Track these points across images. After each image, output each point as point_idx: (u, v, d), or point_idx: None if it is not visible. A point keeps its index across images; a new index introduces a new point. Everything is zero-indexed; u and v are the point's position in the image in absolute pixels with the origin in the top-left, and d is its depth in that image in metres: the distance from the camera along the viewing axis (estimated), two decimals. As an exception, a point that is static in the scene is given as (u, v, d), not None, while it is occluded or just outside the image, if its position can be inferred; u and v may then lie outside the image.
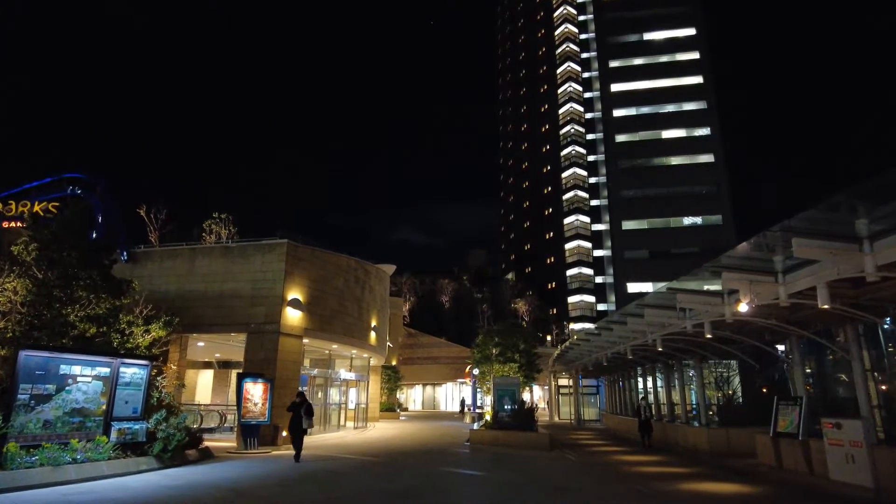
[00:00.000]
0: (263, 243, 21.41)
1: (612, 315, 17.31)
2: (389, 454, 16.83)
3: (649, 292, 13.23)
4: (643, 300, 13.20)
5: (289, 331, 20.47)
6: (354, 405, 30.26)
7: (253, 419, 17.06)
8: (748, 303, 9.18)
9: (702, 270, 9.95)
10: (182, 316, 20.85)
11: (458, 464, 15.06)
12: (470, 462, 15.62)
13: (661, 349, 15.22)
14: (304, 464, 14.12)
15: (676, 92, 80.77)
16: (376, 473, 12.82)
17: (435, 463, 14.99)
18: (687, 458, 16.75)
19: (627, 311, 14.99)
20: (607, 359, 21.23)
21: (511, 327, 27.01)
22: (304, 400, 14.99)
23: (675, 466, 14.85)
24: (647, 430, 19.81)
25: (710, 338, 12.70)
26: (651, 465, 15.38)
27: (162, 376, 15.86)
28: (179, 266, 21.87)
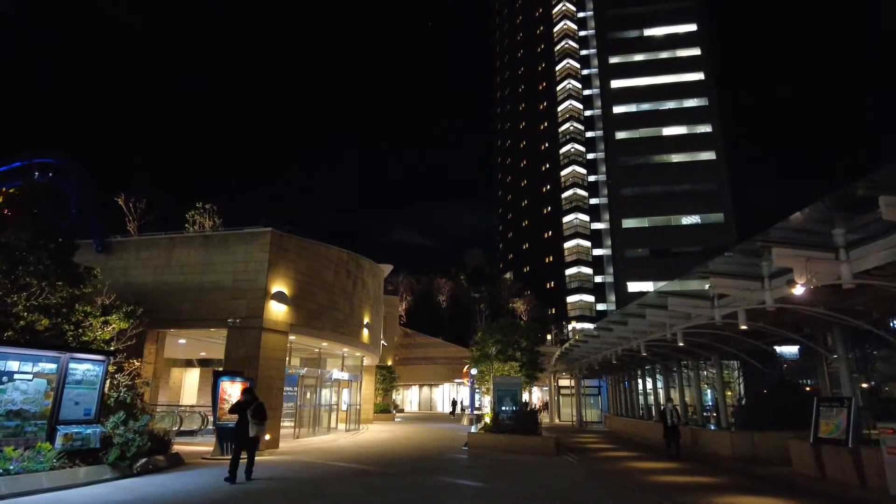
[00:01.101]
0: (246, 232, 19.89)
1: (628, 307, 15.77)
2: (380, 461, 15.32)
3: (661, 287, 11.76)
4: (666, 288, 11.73)
5: (272, 326, 18.95)
6: (347, 407, 28.75)
7: (230, 421, 15.46)
8: (804, 283, 7.69)
9: (748, 245, 8.45)
10: (159, 310, 19.40)
11: (455, 472, 13.56)
12: (468, 470, 14.13)
13: (682, 344, 13.74)
14: (282, 473, 12.60)
15: (677, 88, 79.62)
16: (363, 485, 11.31)
17: (429, 471, 13.49)
18: (708, 464, 15.18)
19: (647, 301, 13.53)
20: (617, 356, 19.70)
21: (512, 324, 25.49)
22: (252, 398, 11.62)
23: (697, 475, 13.33)
24: (674, 437, 17.42)
25: (745, 329, 11.22)
26: (670, 473, 13.89)
27: (127, 373, 14.26)
28: (157, 257, 20.34)
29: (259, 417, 11.24)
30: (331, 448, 18.95)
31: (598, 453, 19.08)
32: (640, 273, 71.81)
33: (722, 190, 74.09)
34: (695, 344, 15.03)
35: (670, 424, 17.37)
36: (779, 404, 15.48)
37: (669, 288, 11.50)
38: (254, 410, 11.22)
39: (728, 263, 9.51)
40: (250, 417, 11.09)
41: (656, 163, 77.47)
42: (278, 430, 19.09)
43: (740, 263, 9.46)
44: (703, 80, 79.52)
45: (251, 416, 11.10)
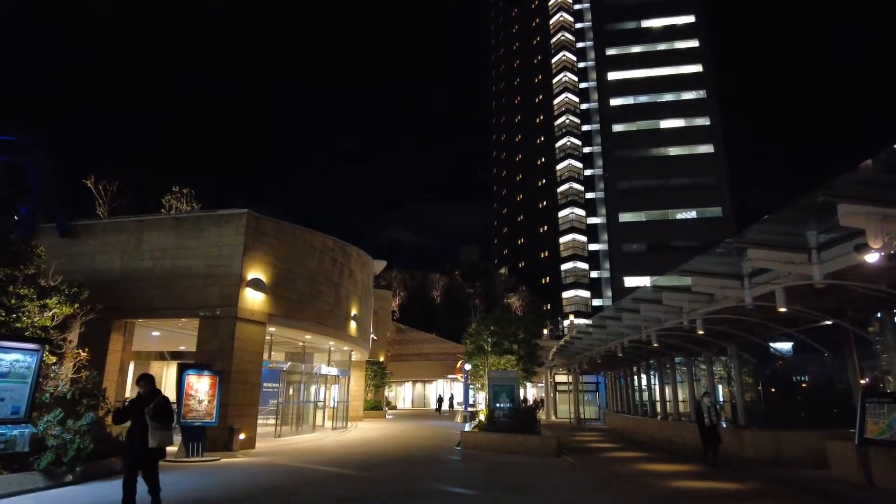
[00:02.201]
0: (220, 214, 18.30)
1: (639, 292, 14.26)
2: (365, 463, 13.82)
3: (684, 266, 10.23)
4: (687, 266, 10.26)
5: (248, 316, 17.40)
6: (334, 404, 27.21)
7: (197, 420, 14.00)
8: (881, 248, 6.20)
9: (795, 206, 6.96)
10: (127, 298, 17.87)
11: (445, 477, 12.06)
12: (461, 474, 12.64)
13: (702, 332, 12.28)
14: (243, 481, 11.05)
15: (675, 81, 78.41)
16: (340, 495, 9.79)
17: (417, 476, 11.99)
18: (729, 467, 13.57)
19: (663, 283, 12.05)
20: (623, 348, 18.22)
21: (508, 315, 24.00)
22: (150, 393, 7.93)
23: (718, 480, 11.85)
24: (714, 441, 14.08)
25: (778, 314, 9.80)
26: (686, 477, 12.44)
27: (74, 363, 12.66)
28: (125, 241, 18.73)
29: (161, 419, 7.73)
30: (313, 448, 17.45)
31: (602, 454, 17.64)
32: (637, 268, 70.59)
33: (720, 184, 73.02)
34: (714, 333, 13.54)
35: (708, 424, 14.11)
36: (805, 401, 14.08)
37: (694, 266, 10.02)
38: (154, 410, 7.67)
39: (768, 232, 8.04)
40: (149, 420, 7.60)
41: (654, 156, 76.33)
42: (255, 428, 17.57)
43: (783, 232, 7.99)
44: (701, 72, 78.30)
45: (150, 419, 7.61)
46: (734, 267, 9.72)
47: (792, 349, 15.28)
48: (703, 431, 14.21)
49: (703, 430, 14.19)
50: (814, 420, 12.94)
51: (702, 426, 14.17)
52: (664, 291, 11.91)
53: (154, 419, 7.62)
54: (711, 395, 15.00)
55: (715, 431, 14.07)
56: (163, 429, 7.72)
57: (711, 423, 14.00)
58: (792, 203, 6.89)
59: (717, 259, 9.72)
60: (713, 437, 14.04)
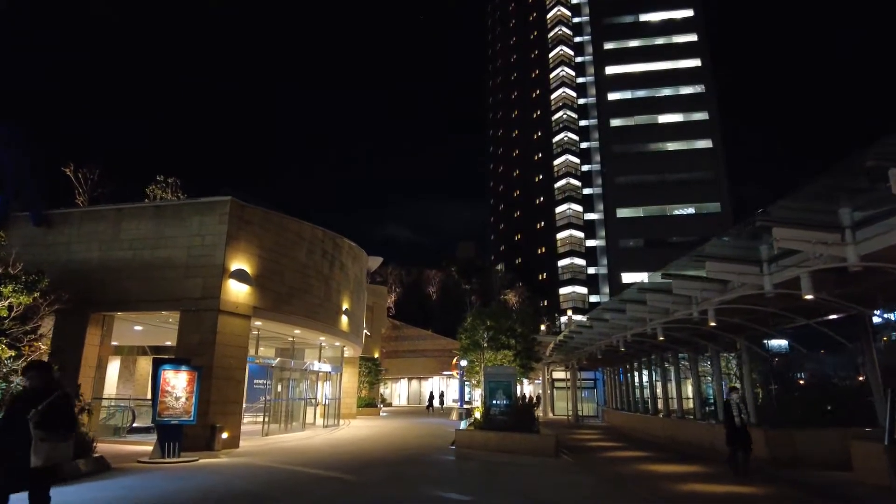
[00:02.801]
0: (202, 201, 17.42)
1: (646, 282, 13.38)
2: (352, 464, 12.99)
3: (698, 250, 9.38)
4: (702, 250, 9.42)
5: (232, 309, 16.54)
6: (325, 401, 26.40)
7: (173, 418, 13.13)
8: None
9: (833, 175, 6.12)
10: (104, 290, 17.02)
11: (439, 480, 11.24)
12: (455, 476, 11.82)
13: (714, 324, 11.46)
14: (223, 483, 10.23)
15: (673, 75, 77.76)
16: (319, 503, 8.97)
17: (408, 479, 11.17)
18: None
19: (674, 270, 11.18)
20: (626, 343, 17.40)
21: (505, 309, 23.15)
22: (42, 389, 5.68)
23: (732, 483, 10.99)
24: (744, 443, 12.12)
25: (801, 302, 8.99)
26: (696, 479, 11.64)
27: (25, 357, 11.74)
28: (103, 230, 17.83)
29: (51, 427, 5.49)
30: (301, 447, 16.62)
31: (603, 453, 16.86)
32: (635, 264, 69.88)
33: (718, 179, 72.42)
34: (725, 325, 12.68)
35: (739, 424, 12.14)
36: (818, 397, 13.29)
37: (710, 250, 9.18)
38: (40, 414, 5.45)
39: (797, 209, 7.20)
40: (32, 428, 5.39)
41: (652, 151, 75.67)
42: (239, 427, 16.74)
43: (815, 209, 7.16)
44: (699, 66, 77.65)
45: (34, 426, 5.40)
46: (753, 251, 8.92)
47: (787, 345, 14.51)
48: (731, 432, 12.33)
49: (731, 430, 12.32)
50: (830, 418, 12.16)
51: (731, 426, 12.30)
52: (674, 279, 11.07)
53: (40, 427, 5.36)
54: (740, 390, 13.26)
55: (745, 432, 12.18)
56: (52, 440, 5.42)
57: (742, 423, 12.18)
58: (831, 170, 6.05)
59: (735, 242, 8.92)
60: (744, 438, 12.15)
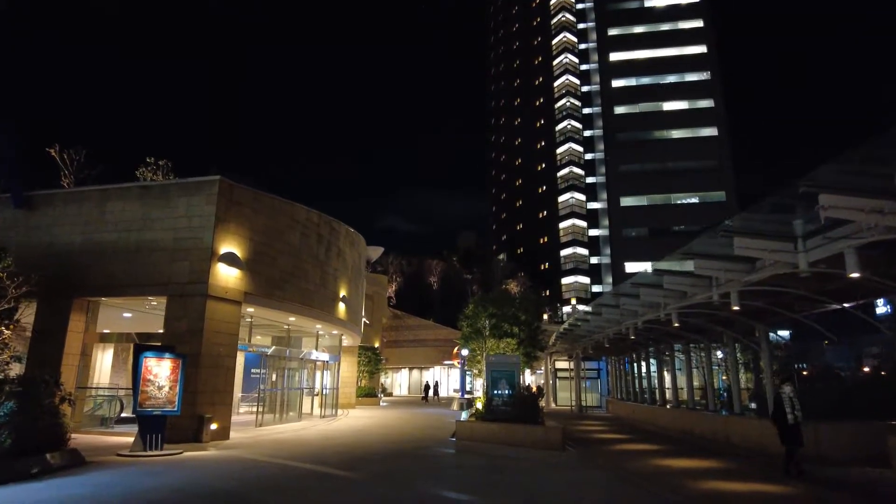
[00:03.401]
0: (189, 181, 16.58)
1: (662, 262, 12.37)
2: (345, 458, 12.21)
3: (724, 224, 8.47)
4: (730, 225, 8.50)
5: (221, 294, 15.73)
6: (322, 390, 25.66)
7: (156, 408, 12.35)
8: None
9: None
10: (88, 274, 16.25)
11: (437, 477, 10.43)
12: (454, 473, 11.01)
13: (737, 308, 10.55)
14: (203, 480, 9.45)
15: (678, 62, 76.43)
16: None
17: (404, 476, 10.36)
18: (760, 464, 11.94)
19: (695, 249, 10.24)
20: (636, 330, 16.54)
21: (508, 296, 22.30)
22: None
23: (754, 480, 10.17)
24: (796, 442, 10.45)
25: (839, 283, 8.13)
26: (716, 476, 10.78)
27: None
28: (87, 212, 17.02)
29: None
30: (294, 439, 15.88)
31: (611, 446, 16.06)
32: (639, 253, 68.95)
33: (723, 167, 71.29)
34: (747, 310, 11.75)
35: (792, 421, 10.41)
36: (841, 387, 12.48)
37: (739, 224, 8.24)
38: None
39: (850, 172, 6.26)
40: None
41: (656, 139, 74.55)
42: (229, 417, 15.99)
43: (867, 174, 6.23)
44: (705, 53, 76.30)
45: None
46: (787, 225, 8.04)
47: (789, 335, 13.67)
48: (784, 430, 10.49)
49: (784, 428, 10.47)
50: (855, 410, 11.36)
51: (783, 423, 10.46)
52: (696, 259, 10.14)
53: None
54: (794, 382, 11.31)
55: (798, 430, 10.43)
56: None
57: (796, 421, 10.41)
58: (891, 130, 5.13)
59: (768, 216, 7.99)
60: (797, 436, 10.42)
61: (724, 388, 19.06)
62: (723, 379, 20.48)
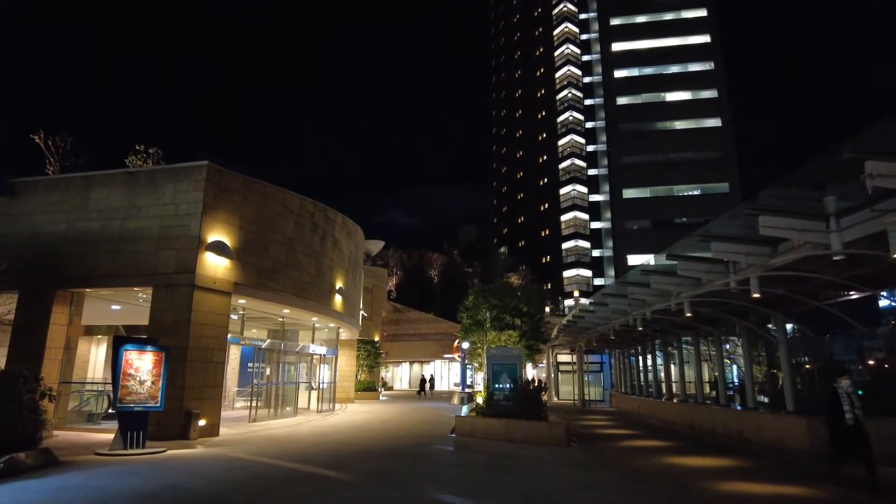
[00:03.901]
0: (176, 167, 15.85)
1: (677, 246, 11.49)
2: (339, 456, 11.55)
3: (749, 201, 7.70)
4: (756, 202, 7.71)
5: (209, 284, 15.03)
6: (319, 385, 25.03)
7: (137, 404, 11.67)
8: None
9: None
10: (72, 265, 15.57)
11: (435, 477, 9.73)
12: (454, 473, 10.31)
13: (757, 295, 9.78)
14: (177, 482, 8.77)
15: (682, 51, 75.41)
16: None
17: (399, 476, 9.68)
18: (783, 463, 11.18)
19: (714, 231, 9.43)
20: (644, 321, 15.80)
21: (509, 287, 21.59)
22: None
23: (779, 481, 9.44)
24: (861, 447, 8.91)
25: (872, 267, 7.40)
26: (735, 476, 10.10)
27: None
28: (70, 200, 16.30)
29: None
30: (287, 435, 15.23)
31: (618, 442, 15.39)
32: (641, 245, 68.16)
33: (727, 159, 70.44)
34: (765, 299, 11.01)
35: (851, 421, 8.96)
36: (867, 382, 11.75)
37: (766, 201, 7.45)
38: None
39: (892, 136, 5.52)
40: None
41: (659, 130, 73.64)
42: (218, 413, 15.33)
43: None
44: (709, 42, 75.27)
45: None
46: (817, 203, 7.30)
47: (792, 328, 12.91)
48: (839, 431, 9.07)
49: (840, 429, 9.04)
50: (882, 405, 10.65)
51: (839, 423, 9.01)
52: (714, 242, 9.34)
53: None
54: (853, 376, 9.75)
55: (861, 431, 8.87)
56: None
57: (856, 420, 8.92)
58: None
59: (797, 192, 7.22)
60: (860, 440, 8.88)
61: (733, 382, 18.39)
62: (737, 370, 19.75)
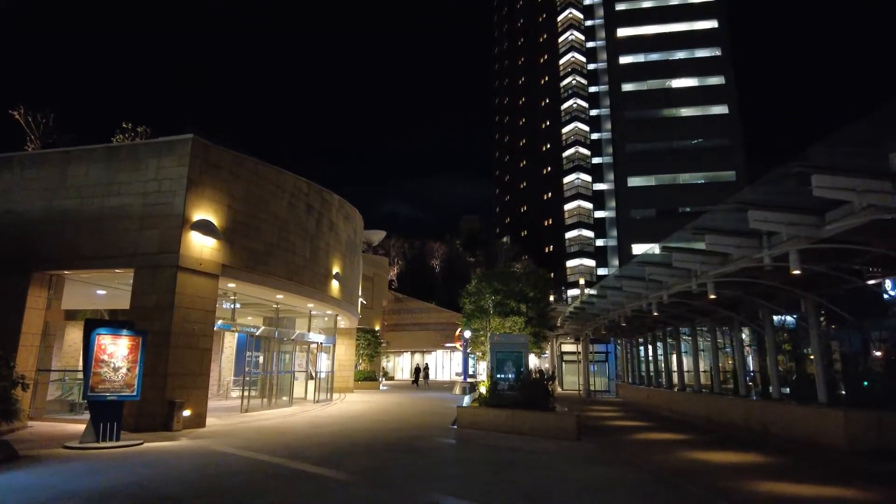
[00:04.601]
0: (160, 141, 14.86)
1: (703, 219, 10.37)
2: (331, 451, 10.61)
3: None
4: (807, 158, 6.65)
5: (195, 266, 14.07)
6: (316, 374, 24.14)
7: (111, 392, 10.71)
8: None
9: None
10: (49, 245, 14.58)
11: (434, 476, 8.76)
12: (455, 470, 9.33)
13: (797, 271, 8.73)
14: (146, 481, 7.84)
15: (688, 37, 73.87)
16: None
17: (395, 474, 8.73)
18: (816, 461, 10.19)
19: (746, 197, 8.40)
20: (660, 305, 14.71)
21: (513, 272, 20.52)
22: None
23: (819, 482, 8.44)
24: None
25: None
26: (765, 474, 9.14)
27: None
28: (47, 177, 15.31)
29: None
30: (279, 427, 14.32)
31: (631, 435, 14.44)
32: (646, 234, 66.92)
33: (734, 146, 69.12)
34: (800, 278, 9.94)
35: None
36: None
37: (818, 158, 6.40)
38: None
39: None
40: None
41: (665, 117, 72.21)
42: (205, 403, 14.40)
43: None
44: (716, 28, 73.70)
45: None
46: (881, 159, 6.23)
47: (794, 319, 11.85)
48: None
49: None
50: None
51: None
52: (751, 210, 8.14)
53: None
54: None
55: None
56: None
57: None
58: None
59: (858, 149, 6.16)
60: None
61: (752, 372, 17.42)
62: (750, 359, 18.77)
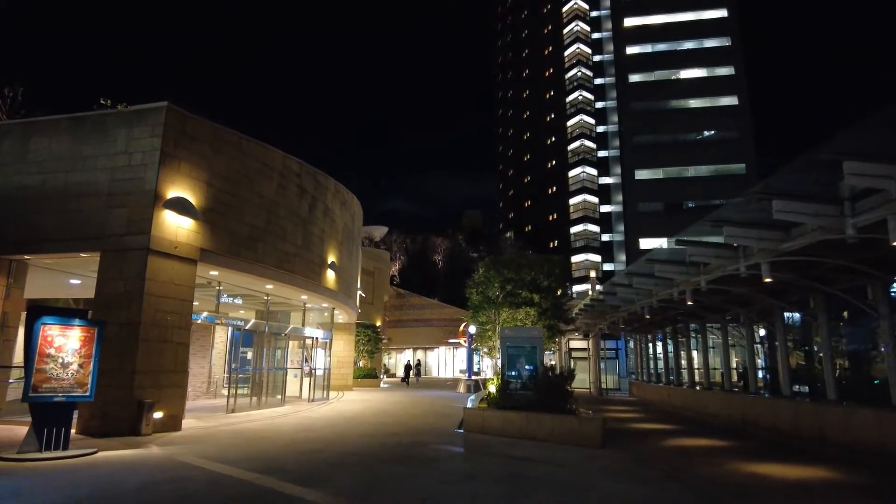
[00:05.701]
0: (130, 110, 13.27)
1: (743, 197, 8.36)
2: (314, 461, 9.02)
3: None
4: None
5: (168, 249, 12.47)
6: (312, 371, 22.58)
7: (57, 392, 9.11)
8: None
9: None
10: (7, 227, 13.00)
11: (435, 496, 7.12)
12: (461, 489, 7.60)
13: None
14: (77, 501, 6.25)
15: (697, 26, 72.18)
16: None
17: (391, 494, 7.13)
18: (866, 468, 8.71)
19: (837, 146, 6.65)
20: (694, 293, 12.96)
21: (524, 258, 18.80)
22: None
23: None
24: None
25: None
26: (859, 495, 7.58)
27: None
28: (6, 151, 13.72)
29: None
30: (261, 430, 12.74)
31: (661, 441, 12.83)
32: (654, 229, 65.41)
33: (744, 138, 67.38)
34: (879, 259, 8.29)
35: None
36: None
37: None
38: None
39: None
40: None
41: (673, 108, 70.50)
42: (182, 405, 12.81)
43: None
44: (725, 17, 71.94)
45: None
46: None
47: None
48: None
49: None
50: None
51: None
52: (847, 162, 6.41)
53: None
54: None
55: None
56: None
57: None
58: None
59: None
60: None
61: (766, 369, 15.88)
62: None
